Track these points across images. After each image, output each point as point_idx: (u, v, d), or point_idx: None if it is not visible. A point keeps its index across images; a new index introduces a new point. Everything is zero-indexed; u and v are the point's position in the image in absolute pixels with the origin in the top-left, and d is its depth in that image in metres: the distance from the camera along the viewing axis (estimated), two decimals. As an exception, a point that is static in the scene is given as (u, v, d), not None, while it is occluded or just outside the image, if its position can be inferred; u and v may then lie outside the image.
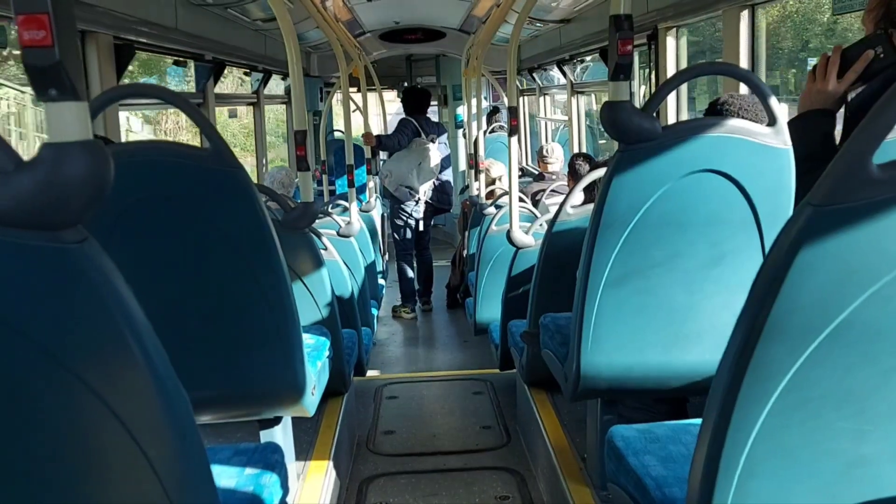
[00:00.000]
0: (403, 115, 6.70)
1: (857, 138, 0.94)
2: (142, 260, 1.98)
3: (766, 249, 1.34)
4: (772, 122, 1.94)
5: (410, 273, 6.77)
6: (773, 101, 1.95)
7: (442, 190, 6.75)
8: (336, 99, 9.05)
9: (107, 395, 0.97)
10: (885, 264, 0.97)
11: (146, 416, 1.00)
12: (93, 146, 0.92)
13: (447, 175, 6.86)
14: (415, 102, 6.63)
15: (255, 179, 5.55)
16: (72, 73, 0.90)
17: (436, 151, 6.52)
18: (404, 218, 6.68)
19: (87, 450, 0.99)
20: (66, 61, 0.89)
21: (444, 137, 6.82)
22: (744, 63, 3.48)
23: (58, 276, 0.93)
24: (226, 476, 1.81)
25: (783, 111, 1.96)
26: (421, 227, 6.73)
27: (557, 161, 6.17)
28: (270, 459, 1.90)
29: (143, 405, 0.99)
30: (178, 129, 15.41)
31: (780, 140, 1.92)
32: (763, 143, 1.92)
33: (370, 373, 4.82)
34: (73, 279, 0.93)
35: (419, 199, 6.61)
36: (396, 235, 6.76)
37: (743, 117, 2.20)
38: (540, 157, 6.37)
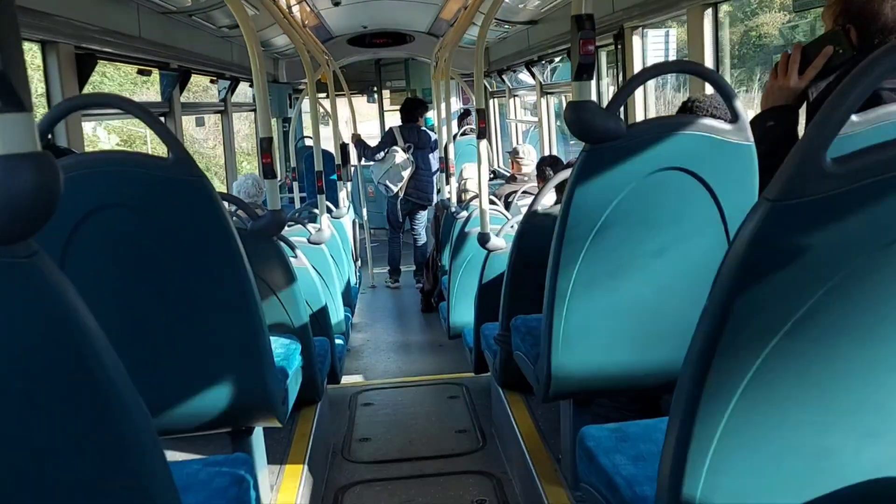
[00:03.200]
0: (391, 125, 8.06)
1: (811, 134, 0.94)
2: (104, 271, 1.95)
3: (730, 245, 1.35)
4: (734, 118, 1.95)
5: (395, 253, 8.12)
6: (734, 97, 1.96)
7: (421, 189, 7.85)
8: (305, 105, 9.02)
9: (61, 414, 0.94)
10: (842, 258, 0.98)
11: (103, 433, 0.98)
12: (40, 158, 0.90)
13: (427, 175, 7.85)
14: (406, 111, 7.86)
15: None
16: (16, 83, 0.87)
17: (404, 158, 7.64)
18: (392, 209, 7.93)
19: (42, 470, 0.97)
20: (10, 71, 0.86)
21: (424, 140, 7.78)
22: (708, 61, 3.51)
23: (6, 291, 0.90)
24: (195, 490, 1.78)
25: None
26: (401, 218, 7.97)
27: (532, 162, 6.18)
28: (241, 471, 1.87)
29: (99, 423, 0.97)
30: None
31: (743, 136, 1.93)
32: (726, 139, 1.93)
33: (345, 380, 4.78)
34: (23, 294, 0.91)
35: (397, 195, 7.76)
36: (391, 226, 8.08)
37: (715, 116, 2.22)
38: (513, 157, 6.38)
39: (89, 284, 0.97)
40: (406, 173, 7.67)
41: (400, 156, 7.63)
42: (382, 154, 7.67)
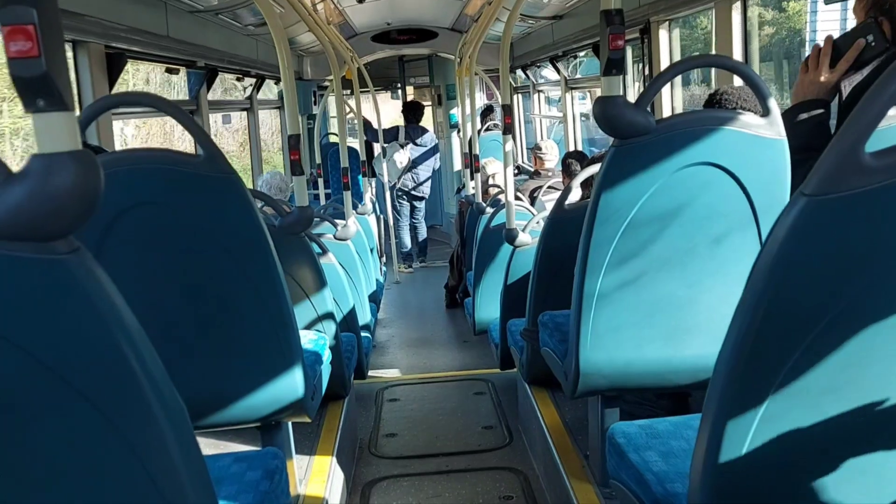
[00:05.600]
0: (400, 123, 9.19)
1: (849, 127, 0.93)
2: (136, 268, 1.97)
3: (763, 241, 1.34)
4: (765, 112, 1.93)
5: (406, 241, 9.20)
6: (766, 91, 1.94)
7: (417, 181, 8.97)
8: (330, 102, 9.10)
9: (103, 406, 0.96)
10: (881, 253, 0.96)
11: (143, 425, 0.99)
12: (82, 156, 0.92)
13: (424, 169, 8.98)
14: (409, 113, 9.06)
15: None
16: (59, 84, 0.89)
17: (404, 153, 8.79)
18: (398, 201, 9.08)
19: (83, 460, 0.99)
20: (54, 71, 0.88)
21: (426, 139, 8.97)
22: (737, 55, 3.47)
23: (50, 287, 0.92)
24: (227, 484, 1.80)
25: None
26: (408, 210, 9.08)
27: (553, 158, 6.16)
28: (271, 465, 1.89)
29: (139, 415, 0.99)
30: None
31: (775, 131, 1.91)
32: (758, 134, 1.91)
33: (371, 375, 4.80)
34: (65, 290, 0.92)
35: (395, 185, 8.91)
36: (396, 214, 9.13)
37: (744, 108, 2.19)
38: (535, 153, 6.37)
39: (122, 281, 0.98)
40: (401, 166, 8.75)
41: (398, 152, 8.76)
42: (383, 147, 8.68)
